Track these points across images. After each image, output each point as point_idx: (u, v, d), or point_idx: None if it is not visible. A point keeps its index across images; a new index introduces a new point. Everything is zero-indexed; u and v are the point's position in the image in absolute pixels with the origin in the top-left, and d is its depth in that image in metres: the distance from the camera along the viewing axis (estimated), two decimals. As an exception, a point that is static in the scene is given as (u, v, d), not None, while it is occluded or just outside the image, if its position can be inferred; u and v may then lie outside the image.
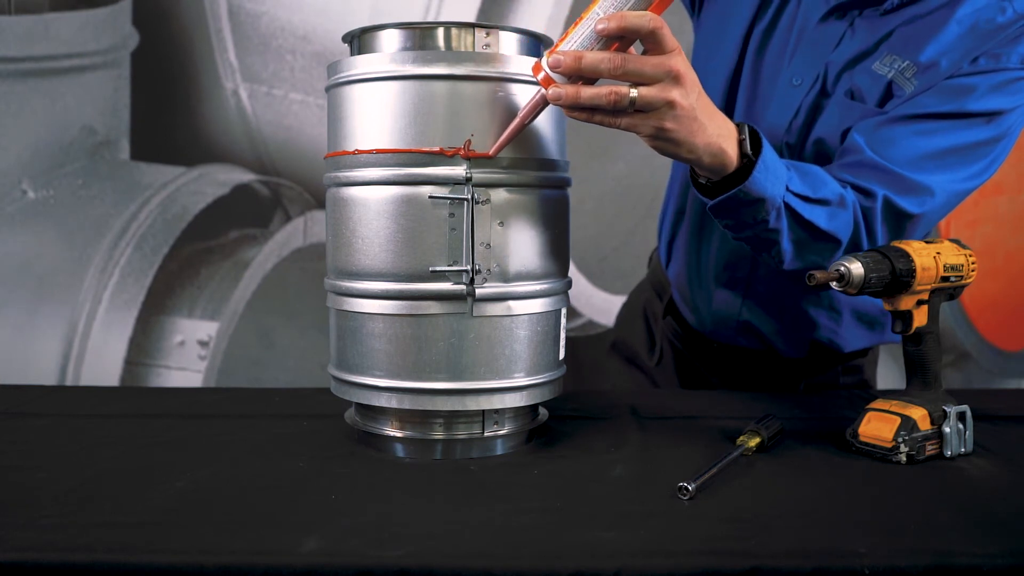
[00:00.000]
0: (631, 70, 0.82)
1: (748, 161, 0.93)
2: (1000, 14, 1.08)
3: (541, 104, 0.87)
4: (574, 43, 0.83)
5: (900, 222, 1.06)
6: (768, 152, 0.95)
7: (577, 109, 0.84)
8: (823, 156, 1.15)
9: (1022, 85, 1.07)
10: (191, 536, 0.73)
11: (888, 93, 1.10)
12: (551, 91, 0.83)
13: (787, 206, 0.98)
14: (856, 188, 1.04)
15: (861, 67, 1.13)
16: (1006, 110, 1.07)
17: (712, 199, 0.97)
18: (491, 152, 0.90)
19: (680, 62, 0.84)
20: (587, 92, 0.82)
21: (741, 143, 0.93)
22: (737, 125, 0.94)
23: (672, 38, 0.83)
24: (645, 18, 0.81)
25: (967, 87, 1.06)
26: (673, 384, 1.41)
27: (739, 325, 1.28)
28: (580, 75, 0.83)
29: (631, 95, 0.82)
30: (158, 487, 0.83)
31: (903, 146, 1.05)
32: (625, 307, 1.58)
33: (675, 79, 0.83)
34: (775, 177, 0.95)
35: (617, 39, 0.83)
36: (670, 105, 0.84)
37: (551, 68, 0.83)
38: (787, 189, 0.97)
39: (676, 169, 1.38)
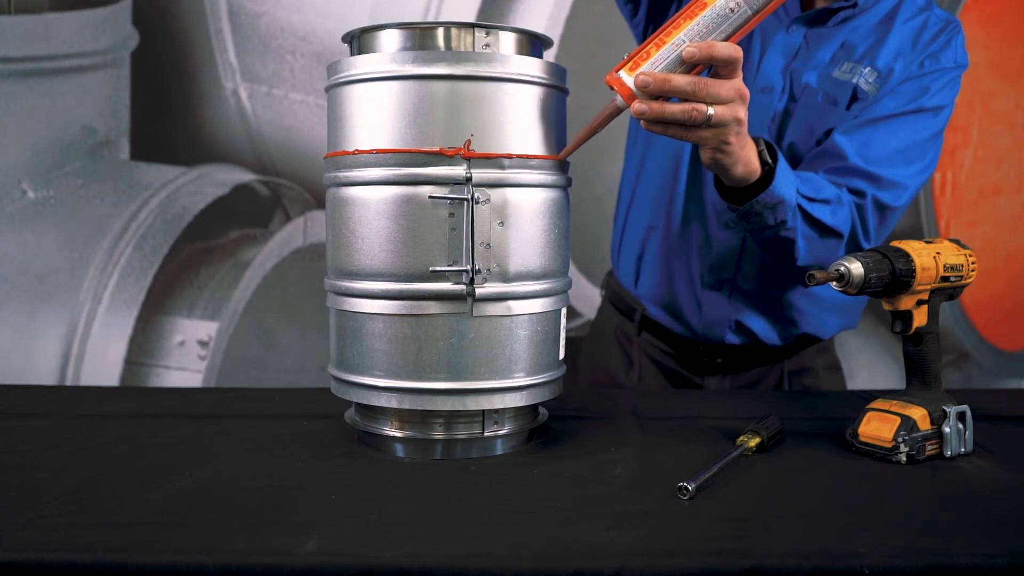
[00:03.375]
0: (711, 93, 0.91)
1: (768, 169, 1.05)
2: (928, 22, 1.26)
3: (615, 113, 0.94)
4: (658, 65, 0.91)
5: (884, 215, 1.21)
6: (782, 160, 1.07)
7: (655, 123, 0.93)
8: (794, 159, 1.25)
9: (956, 82, 1.25)
10: (191, 536, 0.73)
11: (854, 96, 1.23)
12: (636, 106, 0.91)
13: (799, 206, 1.10)
14: (848, 189, 1.18)
15: (823, 74, 1.24)
16: (946, 104, 1.24)
17: (740, 206, 1.09)
18: (560, 155, 0.95)
19: (743, 85, 0.94)
20: (670, 108, 0.91)
21: (760, 153, 1.05)
22: (754, 139, 1.05)
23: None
24: (731, 49, 0.90)
25: (922, 88, 1.21)
26: None
27: (731, 325, 1.33)
28: (663, 94, 0.91)
29: (708, 113, 0.92)
30: (158, 487, 0.83)
31: (877, 147, 1.19)
32: (591, 342, 1.57)
33: (742, 100, 0.94)
34: (788, 182, 1.08)
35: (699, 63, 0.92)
36: (737, 122, 0.95)
37: (639, 87, 0.91)
38: (797, 192, 1.09)
39: (626, 190, 1.44)
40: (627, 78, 0.92)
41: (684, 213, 1.33)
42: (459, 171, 0.90)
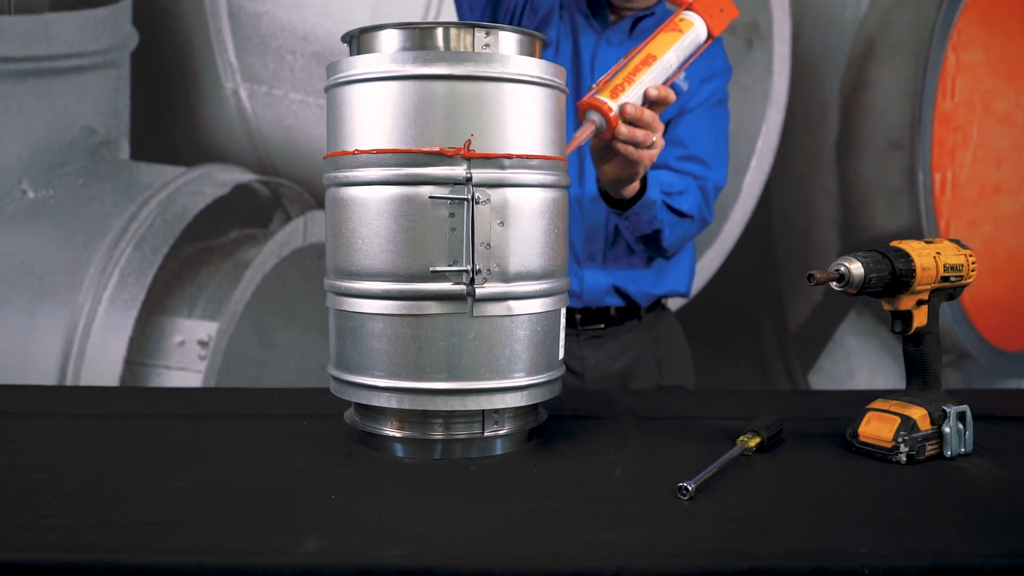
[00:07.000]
0: (656, 126, 1.17)
1: (643, 180, 1.28)
2: None
3: (595, 131, 1.13)
4: (631, 97, 1.14)
5: (717, 194, 1.48)
6: (650, 171, 1.30)
7: (624, 142, 1.14)
8: None
9: (727, 84, 1.54)
10: (191, 536, 0.73)
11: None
12: (623, 129, 1.13)
13: (664, 202, 1.34)
14: (692, 176, 1.43)
15: None
16: (727, 99, 1.52)
17: (624, 211, 1.31)
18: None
19: None
20: (639, 133, 1.15)
21: None
22: None
23: None
24: (673, 95, 1.17)
25: (717, 85, 1.49)
26: None
27: (610, 290, 1.50)
28: (632, 121, 1.13)
29: (654, 139, 1.17)
30: (158, 487, 0.83)
31: (705, 135, 1.46)
32: None
33: (663, 133, 1.19)
34: (655, 185, 1.31)
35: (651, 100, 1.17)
36: (660, 148, 1.20)
37: (630, 116, 1.13)
38: (660, 191, 1.33)
39: None
40: (612, 104, 1.12)
41: None
42: (459, 171, 0.90)
